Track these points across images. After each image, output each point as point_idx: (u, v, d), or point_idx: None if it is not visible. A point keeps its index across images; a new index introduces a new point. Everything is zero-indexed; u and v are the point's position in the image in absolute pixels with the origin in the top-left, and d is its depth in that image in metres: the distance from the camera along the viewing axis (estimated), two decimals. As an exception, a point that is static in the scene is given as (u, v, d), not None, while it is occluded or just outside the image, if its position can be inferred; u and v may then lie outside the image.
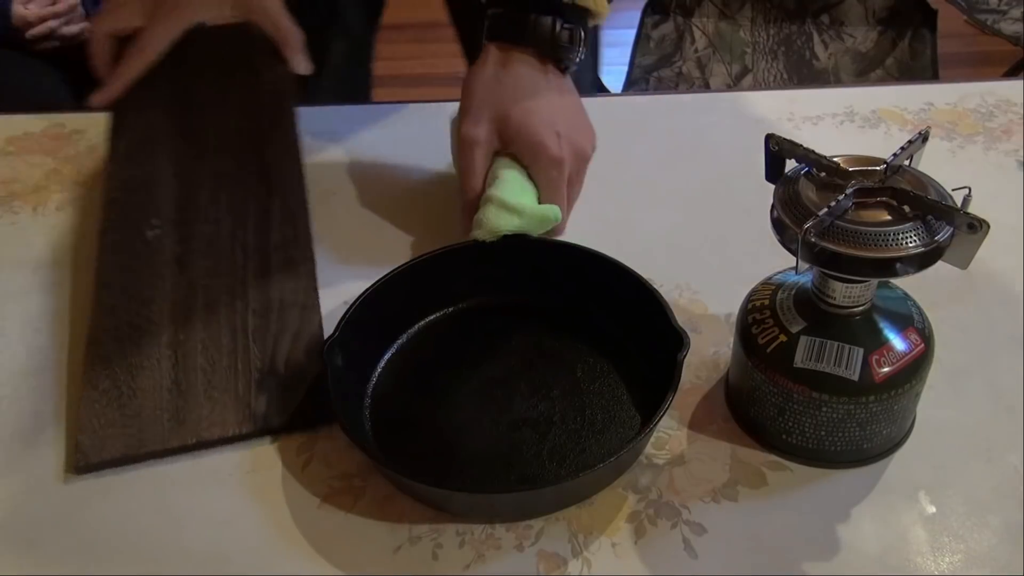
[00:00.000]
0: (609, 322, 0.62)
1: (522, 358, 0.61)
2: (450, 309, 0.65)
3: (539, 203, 0.66)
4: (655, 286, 0.59)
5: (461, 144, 0.67)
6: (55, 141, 0.85)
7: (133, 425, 0.56)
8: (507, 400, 0.58)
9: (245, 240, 0.66)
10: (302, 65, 0.75)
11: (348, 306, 0.59)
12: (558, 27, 0.66)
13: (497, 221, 0.63)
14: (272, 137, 0.72)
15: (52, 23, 1.58)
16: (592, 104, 0.86)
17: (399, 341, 0.63)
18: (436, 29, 1.17)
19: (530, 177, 0.67)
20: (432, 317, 0.64)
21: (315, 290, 0.64)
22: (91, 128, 0.86)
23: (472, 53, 0.87)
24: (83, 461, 0.54)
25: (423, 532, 0.51)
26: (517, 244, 0.64)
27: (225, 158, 0.71)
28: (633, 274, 0.60)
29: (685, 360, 0.53)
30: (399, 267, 0.62)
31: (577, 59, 0.69)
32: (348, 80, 1.13)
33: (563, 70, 0.69)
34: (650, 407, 0.52)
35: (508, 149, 0.67)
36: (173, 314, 0.62)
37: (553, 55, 0.68)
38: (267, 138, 0.72)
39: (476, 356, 0.62)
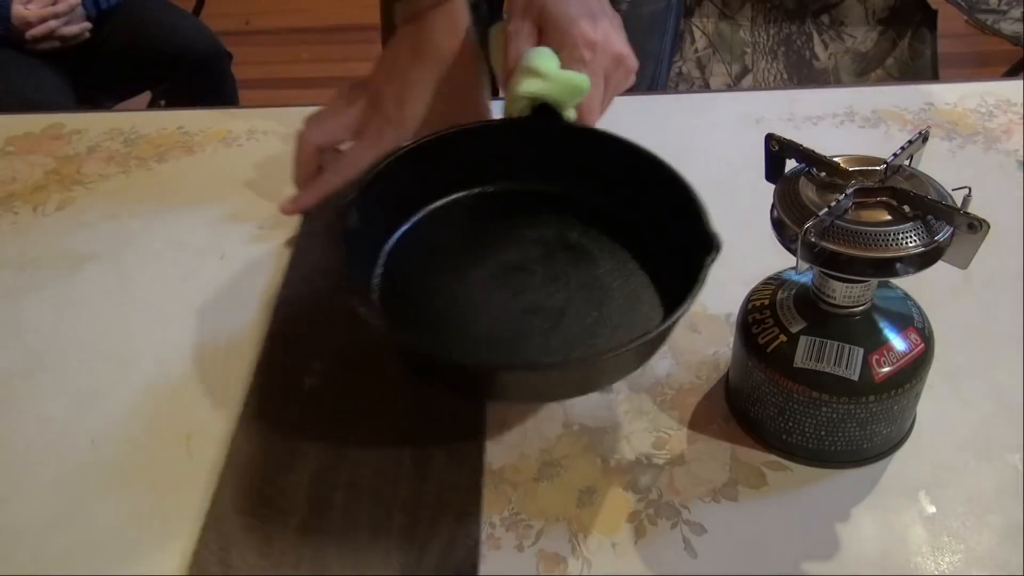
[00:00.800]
0: (642, 219, 0.60)
1: (545, 246, 0.59)
2: (477, 189, 0.62)
3: None
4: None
5: (506, 39, 0.66)
6: (55, 141, 0.85)
7: None
8: (522, 285, 0.56)
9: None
10: None
11: (371, 168, 0.56)
12: None
13: (520, 85, 0.61)
14: None
15: (52, 23, 1.59)
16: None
17: (420, 213, 0.60)
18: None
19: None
20: (457, 195, 0.61)
21: (479, 493, 0.53)
22: (91, 128, 0.87)
23: None
24: None
25: (423, 532, 0.51)
26: (554, 128, 0.61)
27: None
28: (671, 172, 0.57)
29: (710, 269, 0.50)
30: (426, 136, 0.59)
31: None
32: None
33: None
34: (673, 311, 0.50)
35: (544, 38, 0.66)
36: (311, 491, 0.52)
37: None
38: None
39: (498, 238, 0.60)
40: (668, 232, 0.57)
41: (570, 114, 0.63)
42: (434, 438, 0.55)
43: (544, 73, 0.61)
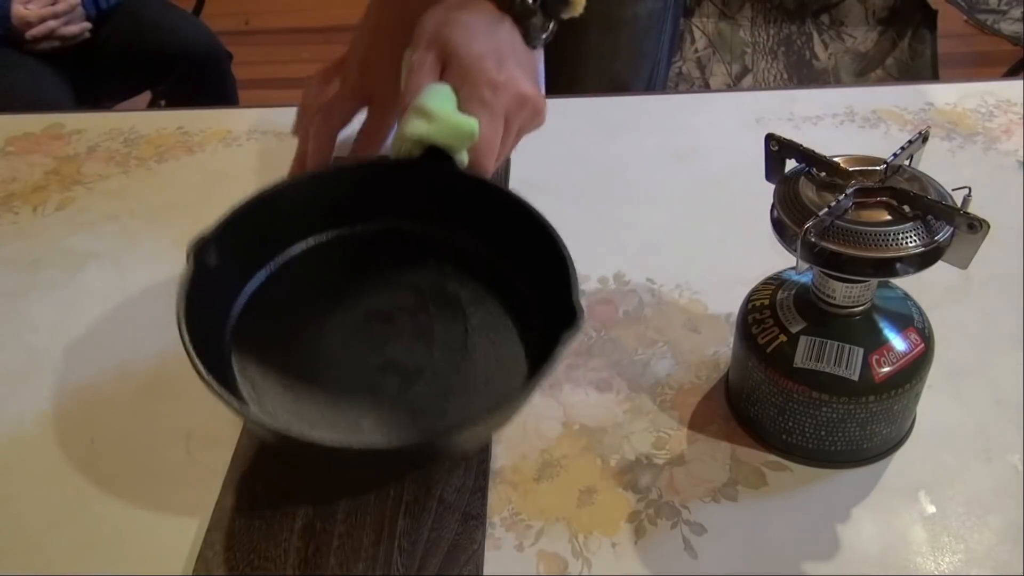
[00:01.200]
0: (521, 277, 0.57)
1: (418, 295, 0.57)
2: (355, 228, 0.59)
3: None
4: (655, 286, 0.59)
5: (407, 71, 0.63)
6: (55, 141, 0.85)
7: None
8: (384, 339, 0.54)
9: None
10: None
11: (234, 206, 0.54)
12: None
13: (407, 125, 0.58)
14: None
15: (52, 23, 1.59)
16: (592, 104, 0.87)
17: (286, 254, 0.57)
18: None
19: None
20: (330, 234, 0.59)
21: (485, 497, 0.52)
22: (91, 128, 0.87)
23: None
24: None
25: (423, 532, 0.51)
26: (442, 172, 0.58)
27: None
28: (552, 235, 0.54)
29: (566, 344, 0.47)
30: (302, 174, 0.57)
31: (542, 38, 0.66)
32: None
33: (524, 35, 0.66)
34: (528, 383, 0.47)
35: (446, 73, 0.63)
36: (316, 490, 0.52)
37: (511, 10, 0.65)
38: None
39: (372, 281, 0.57)
40: (543, 294, 0.55)
41: (462, 158, 0.60)
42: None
43: (432, 115, 0.58)
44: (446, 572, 0.48)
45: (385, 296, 0.57)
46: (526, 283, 0.57)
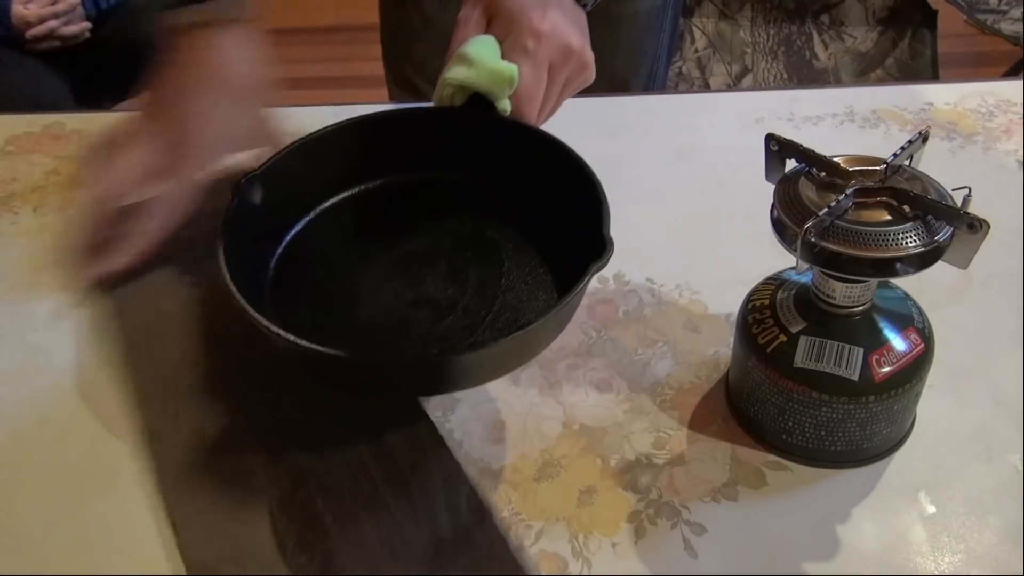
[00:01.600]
0: (558, 218, 0.59)
1: (455, 239, 0.58)
2: (396, 177, 0.61)
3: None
4: (655, 286, 0.59)
5: (455, 25, 0.65)
6: (55, 141, 0.85)
7: None
8: (419, 276, 0.55)
9: None
10: None
11: (283, 147, 0.55)
12: None
13: (447, 71, 0.60)
14: None
15: (52, 23, 1.58)
16: (592, 104, 0.87)
17: (331, 199, 0.59)
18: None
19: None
20: (372, 183, 0.60)
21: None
22: (91, 128, 0.86)
23: None
24: None
25: (423, 532, 0.51)
26: (482, 119, 0.60)
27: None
28: (587, 172, 0.56)
29: (594, 272, 0.48)
30: (346, 120, 0.58)
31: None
32: None
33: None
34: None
35: (492, 27, 0.64)
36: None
37: None
38: None
39: (409, 226, 0.59)
40: (576, 234, 0.56)
41: (504, 105, 0.61)
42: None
43: (472, 60, 0.59)
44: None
45: (424, 240, 0.58)
46: (562, 224, 0.58)
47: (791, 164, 0.50)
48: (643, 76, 1.04)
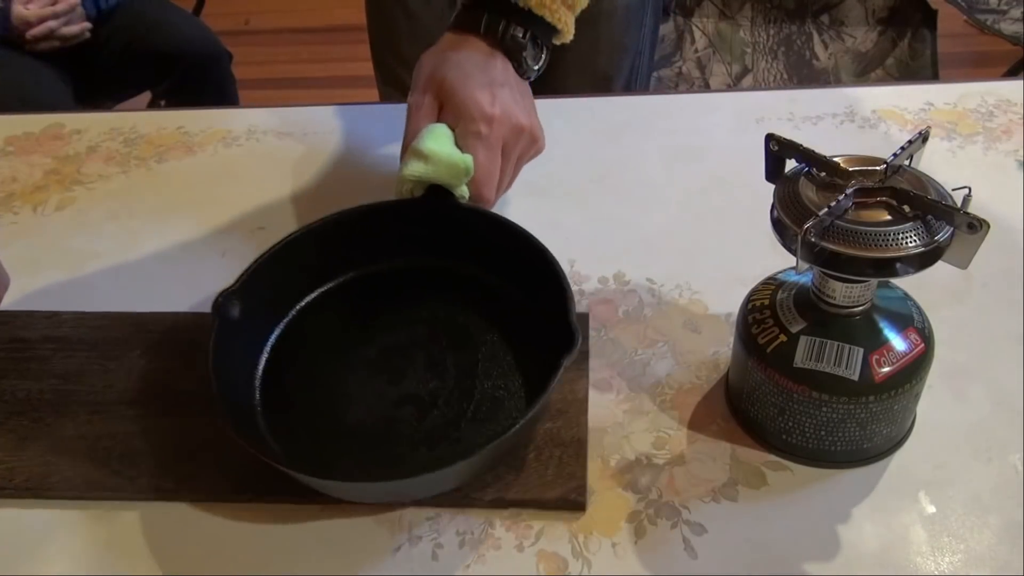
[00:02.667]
0: (525, 304, 0.61)
1: (430, 327, 0.60)
2: (366, 269, 0.63)
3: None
4: (655, 286, 0.59)
5: (408, 111, 0.66)
6: (55, 141, 0.85)
7: None
8: (399, 371, 0.57)
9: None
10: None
11: (255, 259, 0.57)
12: (513, 27, 0.66)
13: (405, 168, 0.61)
14: None
15: (52, 23, 1.58)
16: (593, 104, 0.87)
17: (307, 297, 0.61)
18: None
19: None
20: (343, 277, 0.62)
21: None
22: (91, 128, 0.87)
23: None
24: None
25: (423, 532, 0.51)
26: (444, 208, 0.62)
27: None
28: (550, 259, 0.57)
29: (566, 365, 0.50)
30: (313, 223, 0.60)
31: (535, 68, 0.68)
32: None
33: (517, 68, 0.68)
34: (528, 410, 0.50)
35: (443, 113, 0.65)
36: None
37: (502, 46, 0.66)
38: None
39: (385, 317, 0.61)
40: (545, 318, 0.57)
41: (462, 191, 0.63)
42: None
43: (428, 155, 0.61)
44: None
45: (400, 331, 0.60)
46: (529, 306, 0.60)
47: (791, 164, 0.50)
48: (625, 72, 1.04)
